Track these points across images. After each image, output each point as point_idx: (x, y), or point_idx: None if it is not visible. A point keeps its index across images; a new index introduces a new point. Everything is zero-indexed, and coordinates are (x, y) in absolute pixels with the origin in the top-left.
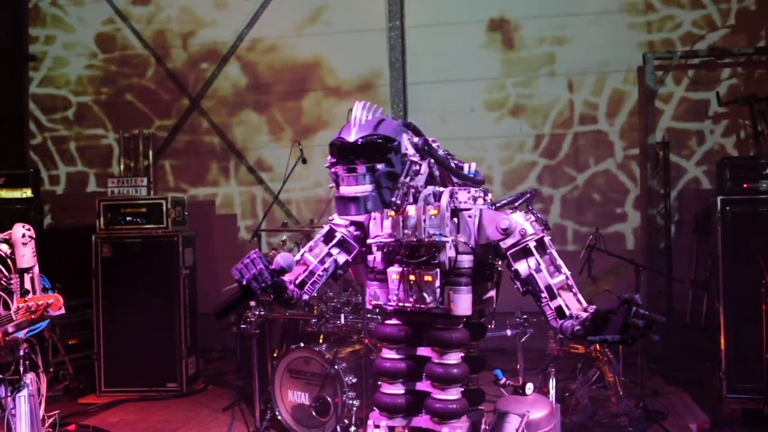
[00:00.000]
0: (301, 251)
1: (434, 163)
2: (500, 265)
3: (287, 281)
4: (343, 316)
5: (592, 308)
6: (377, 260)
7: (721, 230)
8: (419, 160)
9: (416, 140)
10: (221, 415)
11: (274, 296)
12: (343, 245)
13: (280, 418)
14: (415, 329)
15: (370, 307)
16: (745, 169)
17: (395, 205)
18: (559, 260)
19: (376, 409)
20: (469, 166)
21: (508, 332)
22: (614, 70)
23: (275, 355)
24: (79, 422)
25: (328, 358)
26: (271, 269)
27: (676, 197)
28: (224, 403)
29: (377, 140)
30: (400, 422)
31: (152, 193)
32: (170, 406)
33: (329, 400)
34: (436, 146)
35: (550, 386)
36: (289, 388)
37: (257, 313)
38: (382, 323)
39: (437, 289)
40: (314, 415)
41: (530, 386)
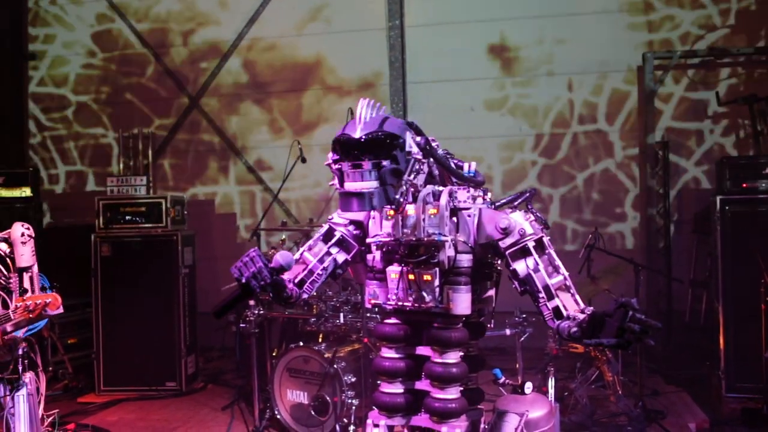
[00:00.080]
0: (300, 250)
1: (433, 162)
2: (499, 264)
3: (286, 280)
4: (342, 315)
5: (589, 310)
6: (376, 259)
7: (720, 230)
8: (423, 158)
9: (418, 139)
10: (220, 414)
11: (273, 295)
12: (342, 244)
13: (279, 417)
14: (414, 328)
15: (369, 306)
16: (744, 168)
17: (398, 202)
18: (557, 261)
19: (375, 408)
20: (468, 165)
21: (507, 331)
22: (614, 69)
23: (274, 354)
24: (78, 421)
25: (327, 357)
26: (270, 268)
27: (675, 197)
28: (223, 402)
29: (383, 137)
30: (399, 421)
31: (152, 192)
32: (169, 405)
33: (328, 399)
34: (435, 145)
35: (549, 385)
36: (288, 387)
37: (256, 312)
38: (381, 322)
39: (436, 288)
40: (313, 414)
41: (529, 385)
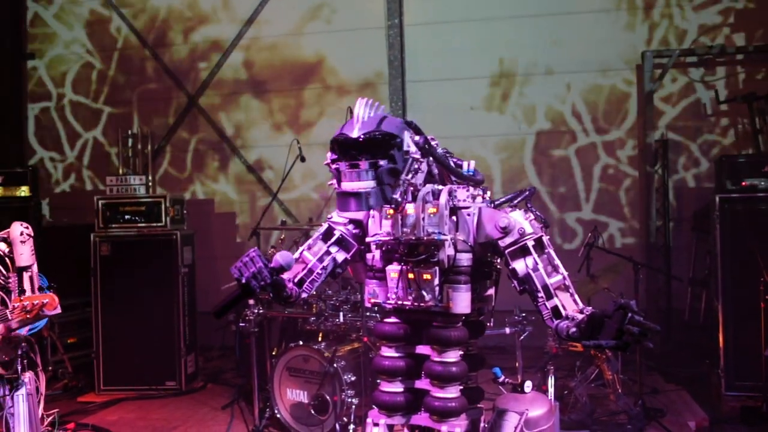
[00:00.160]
0: (299, 249)
1: (433, 161)
2: (499, 263)
3: (286, 279)
4: (342, 314)
5: (588, 310)
6: (376, 258)
7: (719, 228)
8: (421, 157)
9: (417, 138)
10: (220, 413)
11: (273, 294)
12: (341, 243)
13: (279, 416)
14: (414, 327)
15: (368, 305)
16: (743, 167)
17: (396, 201)
18: (556, 260)
19: (375, 407)
20: (468, 164)
21: (507, 330)
22: (613, 68)
23: (274, 353)
24: (78, 421)
25: (327, 356)
26: (270, 267)
27: (674, 195)
28: (223, 401)
29: (380, 136)
30: (399, 420)
31: (151, 191)
32: (169, 404)
33: (328, 398)
34: (435, 144)
35: (548, 384)
36: (288, 386)
37: (256, 311)
38: (380, 321)
39: (436, 287)
40: (313, 413)
41: (529, 384)
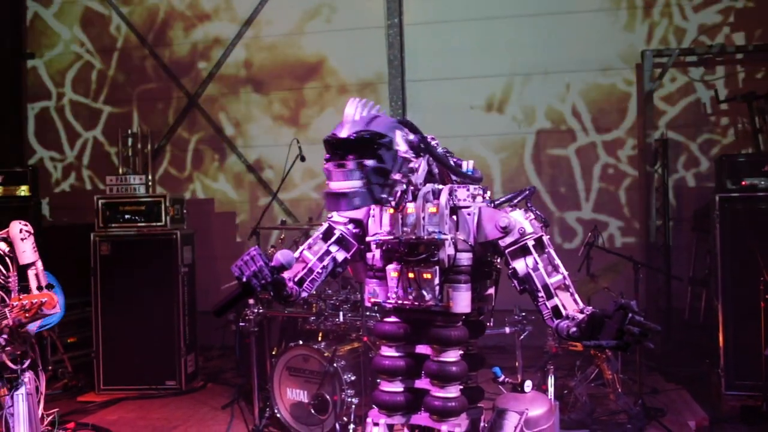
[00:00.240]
0: (299, 249)
1: (433, 160)
2: (499, 262)
3: (287, 279)
4: (341, 313)
5: (588, 309)
6: (376, 258)
7: (719, 228)
8: (412, 157)
9: (412, 137)
10: (220, 412)
11: (273, 294)
12: (342, 243)
13: (279, 415)
14: (414, 327)
15: (369, 304)
16: (743, 166)
17: (386, 201)
18: (557, 260)
19: (375, 406)
20: (467, 163)
21: (506, 330)
22: (613, 67)
23: (274, 352)
24: (78, 420)
25: (326, 355)
26: (270, 266)
27: (674, 195)
28: (223, 400)
29: (367, 136)
30: (399, 420)
31: (151, 191)
32: (169, 404)
33: (328, 397)
34: (435, 144)
35: (548, 384)
36: (288, 385)
37: (256, 310)
38: (381, 321)
39: (436, 286)
40: (313, 412)
41: (529, 384)
